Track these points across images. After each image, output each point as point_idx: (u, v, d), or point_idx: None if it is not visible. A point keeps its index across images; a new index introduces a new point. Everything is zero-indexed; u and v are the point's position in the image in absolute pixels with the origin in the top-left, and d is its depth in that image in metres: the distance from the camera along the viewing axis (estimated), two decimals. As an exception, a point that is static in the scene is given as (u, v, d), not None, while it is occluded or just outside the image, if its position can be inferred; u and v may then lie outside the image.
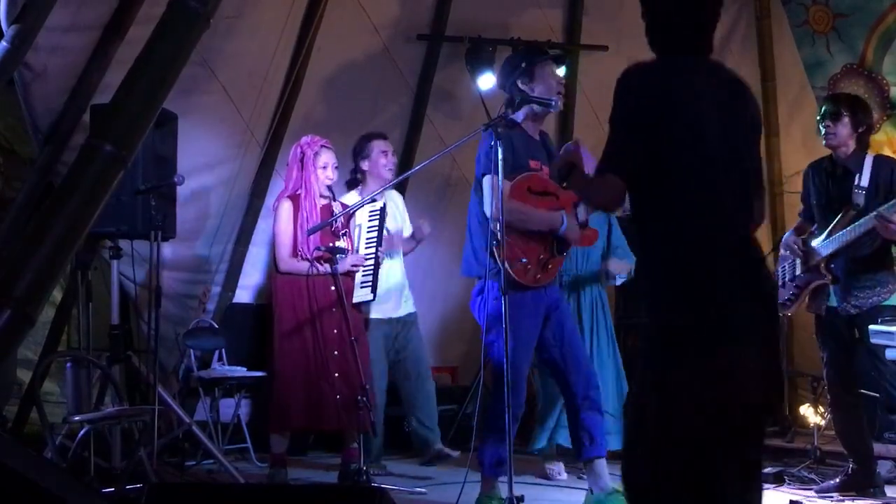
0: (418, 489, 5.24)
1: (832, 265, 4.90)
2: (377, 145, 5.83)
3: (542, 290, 4.58)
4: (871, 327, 4.80)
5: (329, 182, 5.43)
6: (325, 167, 5.41)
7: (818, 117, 4.98)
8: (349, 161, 5.94)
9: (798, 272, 5.05)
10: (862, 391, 5.10)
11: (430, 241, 6.23)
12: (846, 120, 4.86)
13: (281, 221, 5.36)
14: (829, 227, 4.89)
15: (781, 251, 5.19)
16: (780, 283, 5.14)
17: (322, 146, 5.44)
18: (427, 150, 6.99)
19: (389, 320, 5.87)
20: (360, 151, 5.88)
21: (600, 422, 4.64)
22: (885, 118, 6.77)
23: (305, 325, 5.27)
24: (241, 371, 6.09)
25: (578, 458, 4.75)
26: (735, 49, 7.57)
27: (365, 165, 5.85)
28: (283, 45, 6.63)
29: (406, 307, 5.97)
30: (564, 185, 3.21)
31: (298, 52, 6.67)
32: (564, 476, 5.60)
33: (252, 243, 6.77)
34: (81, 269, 5.40)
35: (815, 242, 4.96)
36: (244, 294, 6.86)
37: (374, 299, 5.54)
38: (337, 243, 5.15)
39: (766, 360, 2.81)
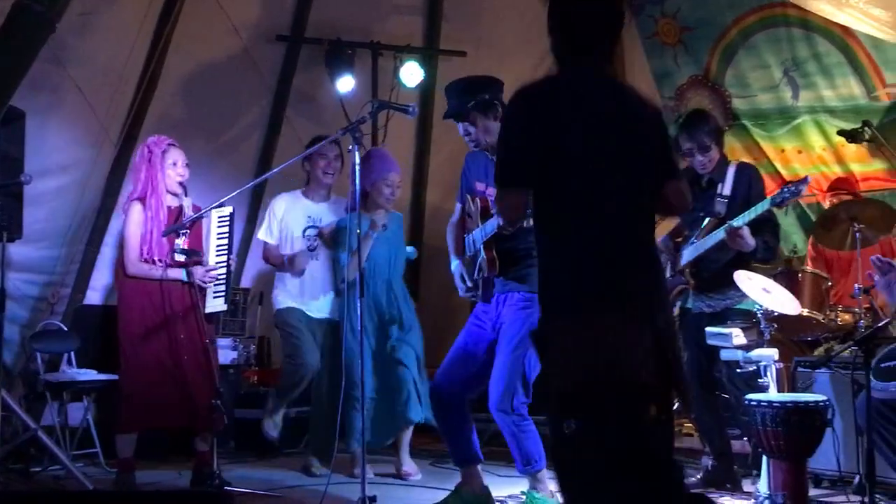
0: (271, 492, 5.20)
1: (695, 270, 5.09)
2: (315, 147, 5.66)
3: None
4: (708, 329, 4.93)
5: (181, 179, 5.34)
6: (175, 164, 5.33)
7: (681, 149, 5.06)
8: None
9: (668, 275, 5.18)
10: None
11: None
12: (714, 147, 5.04)
13: (131, 224, 5.26)
14: (695, 235, 5.07)
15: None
16: None
17: (169, 144, 5.36)
18: (287, 152, 6.91)
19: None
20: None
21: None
22: (727, 128, 7.08)
23: (157, 328, 5.19)
24: (90, 374, 5.96)
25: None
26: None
27: (307, 166, 5.84)
28: (141, 42, 6.52)
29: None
30: None
31: (154, 49, 6.57)
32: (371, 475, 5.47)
33: (104, 244, 6.64)
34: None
35: (684, 248, 5.13)
36: (96, 295, 6.73)
37: (226, 309, 5.44)
38: (176, 241, 5.10)
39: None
